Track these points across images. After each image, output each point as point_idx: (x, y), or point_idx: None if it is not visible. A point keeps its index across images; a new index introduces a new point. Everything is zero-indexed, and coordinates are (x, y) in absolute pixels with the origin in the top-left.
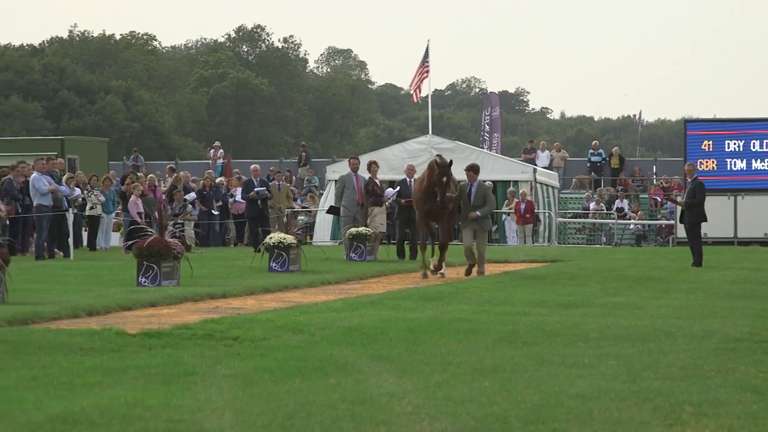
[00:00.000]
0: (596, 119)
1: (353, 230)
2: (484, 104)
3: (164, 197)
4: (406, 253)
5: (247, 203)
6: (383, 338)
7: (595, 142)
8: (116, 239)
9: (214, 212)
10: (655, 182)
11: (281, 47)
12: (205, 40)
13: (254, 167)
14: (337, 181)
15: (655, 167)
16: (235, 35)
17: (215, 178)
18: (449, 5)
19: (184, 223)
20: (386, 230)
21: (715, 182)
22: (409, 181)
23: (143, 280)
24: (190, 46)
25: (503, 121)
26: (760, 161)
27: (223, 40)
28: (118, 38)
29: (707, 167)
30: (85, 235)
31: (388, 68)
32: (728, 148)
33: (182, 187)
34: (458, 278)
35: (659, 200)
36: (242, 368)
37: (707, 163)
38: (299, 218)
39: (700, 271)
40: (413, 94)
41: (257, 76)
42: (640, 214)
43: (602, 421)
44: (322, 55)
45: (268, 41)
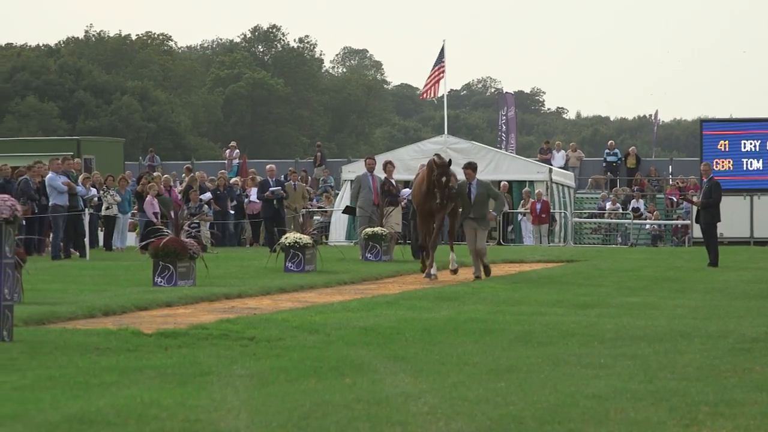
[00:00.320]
0: (612, 119)
1: (369, 230)
2: (499, 104)
3: (180, 197)
4: None
5: (263, 203)
6: (399, 338)
7: (610, 142)
8: (132, 239)
9: (230, 212)
10: (671, 182)
11: (297, 47)
12: (220, 40)
13: (270, 167)
14: (353, 181)
15: (671, 167)
16: (250, 35)
17: (230, 178)
18: (465, 5)
19: (200, 223)
20: (402, 230)
21: (731, 182)
22: None
23: (159, 280)
24: (205, 46)
25: (519, 121)
26: None
27: (238, 40)
28: (134, 38)
29: (723, 167)
30: (101, 235)
31: (403, 68)
32: (744, 148)
33: (198, 187)
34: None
35: (675, 200)
36: (258, 368)
37: (723, 163)
38: (315, 218)
39: (716, 271)
40: (424, 92)
41: (273, 76)
42: (656, 214)
43: (618, 421)
44: (337, 55)
45: (283, 41)
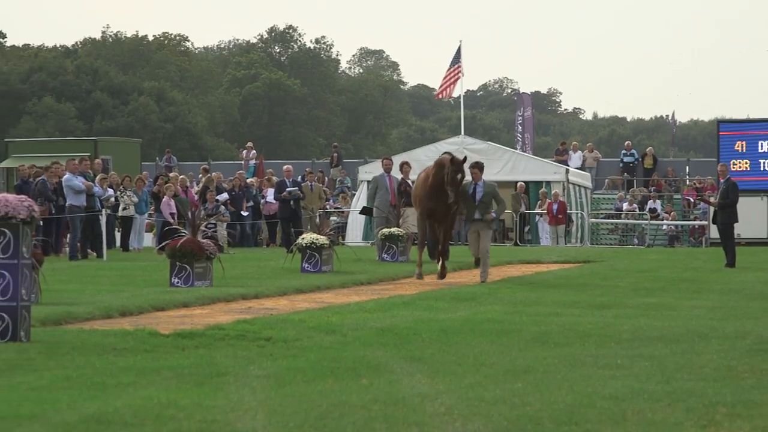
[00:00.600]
0: (629, 120)
1: (386, 231)
2: (516, 105)
3: (196, 198)
4: None
5: (279, 204)
6: (416, 339)
7: (627, 142)
8: (149, 240)
9: (243, 213)
10: (688, 183)
11: (313, 48)
12: (237, 41)
13: (287, 167)
14: (369, 181)
15: (688, 168)
16: (267, 36)
17: (247, 178)
18: (481, 5)
19: (216, 223)
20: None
21: (748, 183)
22: None
23: (176, 280)
24: (222, 47)
25: (535, 121)
26: None
27: (255, 40)
28: (150, 39)
29: (740, 168)
30: (118, 235)
31: (420, 69)
32: (761, 148)
33: (215, 187)
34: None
35: (692, 201)
36: (275, 369)
37: (740, 163)
38: (331, 219)
39: (733, 271)
40: (440, 92)
41: (289, 76)
42: (673, 214)
43: (635, 422)
44: (354, 55)
45: (300, 42)
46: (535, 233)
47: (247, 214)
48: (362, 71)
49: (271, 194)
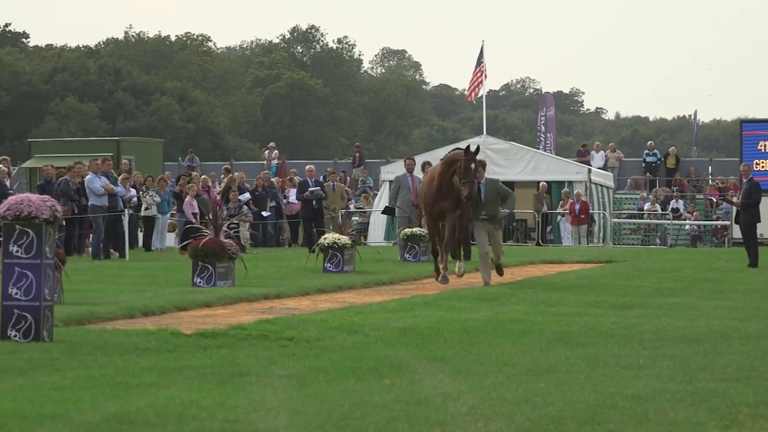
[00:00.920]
0: (651, 119)
1: (408, 231)
2: (539, 104)
3: (219, 198)
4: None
5: (302, 204)
6: (438, 339)
7: (650, 142)
8: (171, 240)
9: (263, 213)
10: (710, 183)
11: (336, 48)
12: (259, 41)
13: (309, 168)
14: (391, 181)
15: (710, 168)
16: (289, 36)
17: (270, 178)
18: (503, 5)
19: (239, 223)
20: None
21: None
22: None
23: (198, 280)
24: (244, 47)
25: (558, 121)
26: None
27: (277, 40)
28: (173, 39)
29: (763, 167)
30: (140, 235)
31: (442, 69)
32: None
33: (237, 187)
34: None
35: (715, 201)
36: (297, 369)
37: (763, 163)
38: (354, 219)
39: (756, 271)
40: (470, 93)
41: (312, 76)
42: (695, 214)
43: (658, 422)
44: (376, 55)
45: (322, 42)
46: (557, 233)
47: (269, 214)
48: (384, 71)
49: (293, 194)
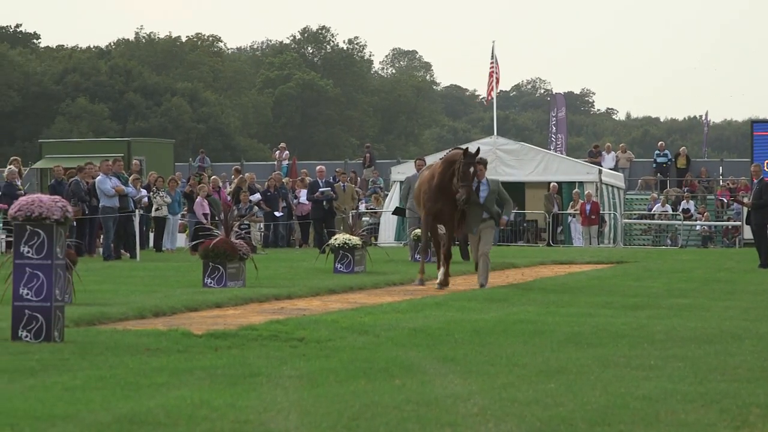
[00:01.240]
0: (662, 120)
1: (418, 231)
2: (550, 105)
3: (229, 198)
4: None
5: (312, 204)
6: (448, 339)
7: (660, 142)
8: (182, 240)
9: (276, 214)
10: (721, 183)
11: (346, 48)
12: (270, 41)
13: (320, 168)
14: (402, 182)
15: (721, 168)
16: (300, 37)
17: (281, 178)
18: (514, 6)
19: (250, 224)
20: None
21: None
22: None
23: (209, 281)
24: (255, 47)
25: (568, 122)
26: None
27: (288, 41)
28: (183, 40)
29: None
30: (151, 236)
31: (452, 69)
32: None
33: (247, 188)
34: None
35: (726, 201)
36: (307, 369)
37: None
38: (364, 219)
39: (767, 272)
40: (488, 93)
41: (322, 77)
42: (706, 215)
43: (668, 423)
44: (387, 56)
45: (333, 42)
46: (567, 234)
47: (281, 214)
48: (395, 72)
49: (304, 195)
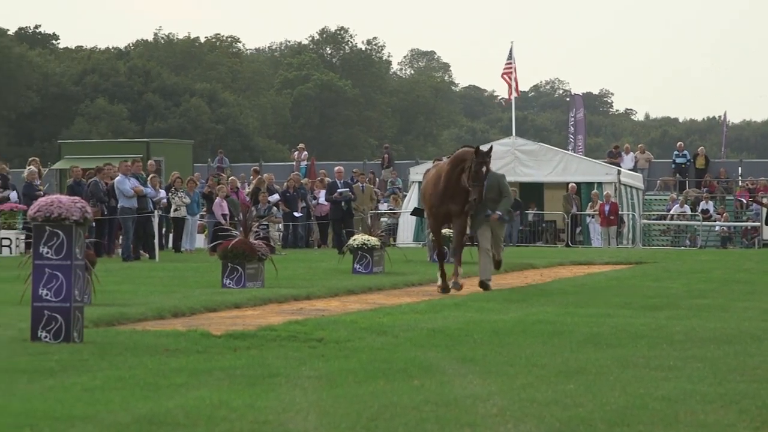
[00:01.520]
0: (681, 120)
1: None
2: (569, 106)
3: (248, 199)
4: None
5: (331, 205)
6: (467, 340)
7: (679, 143)
8: (201, 241)
9: (295, 214)
10: (740, 184)
11: (365, 49)
12: (288, 42)
13: (338, 169)
14: (421, 182)
15: (740, 169)
16: (318, 37)
17: (300, 179)
18: (532, 7)
19: (268, 224)
20: (470, 232)
21: None
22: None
23: (228, 281)
24: (274, 48)
25: (587, 122)
26: None
27: (306, 42)
28: (202, 41)
29: None
30: (170, 236)
31: (471, 70)
32: None
33: (266, 188)
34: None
35: (745, 202)
36: (326, 370)
37: None
38: (383, 220)
39: None
40: (514, 91)
41: (341, 78)
42: (725, 215)
43: (688, 423)
44: (405, 56)
45: (351, 43)
46: (586, 234)
47: (300, 215)
48: (413, 72)
49: (322, 195)
